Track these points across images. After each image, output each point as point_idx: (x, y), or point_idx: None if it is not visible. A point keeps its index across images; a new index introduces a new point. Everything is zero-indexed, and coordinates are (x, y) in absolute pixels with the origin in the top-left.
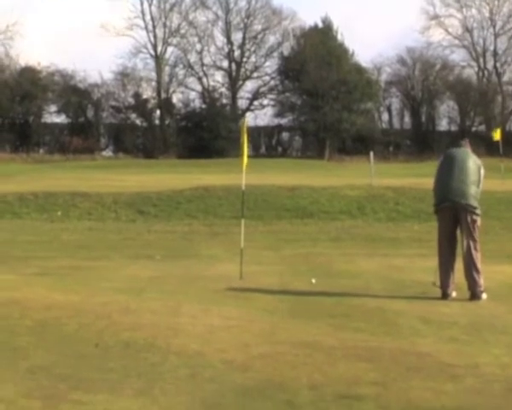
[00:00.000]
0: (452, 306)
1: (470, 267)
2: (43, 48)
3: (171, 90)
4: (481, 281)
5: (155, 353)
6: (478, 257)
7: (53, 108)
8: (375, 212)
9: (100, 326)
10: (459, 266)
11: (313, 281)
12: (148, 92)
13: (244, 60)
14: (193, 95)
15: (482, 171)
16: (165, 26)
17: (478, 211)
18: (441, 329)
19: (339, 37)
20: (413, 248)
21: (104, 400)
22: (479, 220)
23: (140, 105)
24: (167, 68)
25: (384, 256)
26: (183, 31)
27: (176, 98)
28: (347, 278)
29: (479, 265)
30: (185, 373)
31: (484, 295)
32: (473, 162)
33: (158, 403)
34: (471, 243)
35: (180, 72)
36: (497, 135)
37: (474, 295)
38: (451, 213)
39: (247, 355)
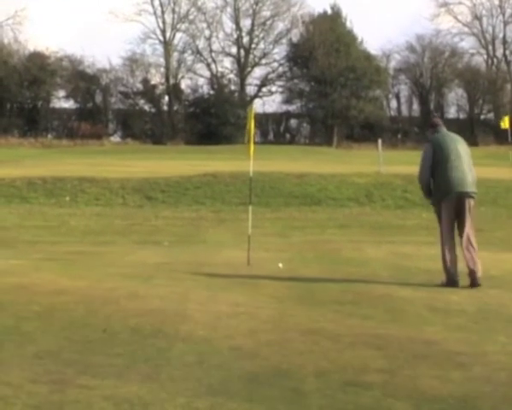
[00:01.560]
0: (460, 294)
1: (472, 254)
2: (51, 33)
3: (179, 76)
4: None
5: (163, 339)
6: (476, 243)
7: (61, 93)
8: (383, 199)
9: (107, 312)
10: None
11: (280, 265)
12: (156, 78)
13: (253, 46)
14: (201, 81)
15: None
16: (173, 11)
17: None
18: (448, 317)
19: (348, 23)
20: (421, 235)
21: (111, 385)
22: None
23: (148, 91)
24: (176, 54)
25: (392, 244)
26: (191, 16)
27: (184, 84)
28: (355, 265)
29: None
30: (192, 359)
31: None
32: (463, 144)
33: (165, 389)
34: (471, 230)
35: (188, 58)
36: (505, 123)
37: (476, 281)
38: (456, 202)
39: (254, 342)
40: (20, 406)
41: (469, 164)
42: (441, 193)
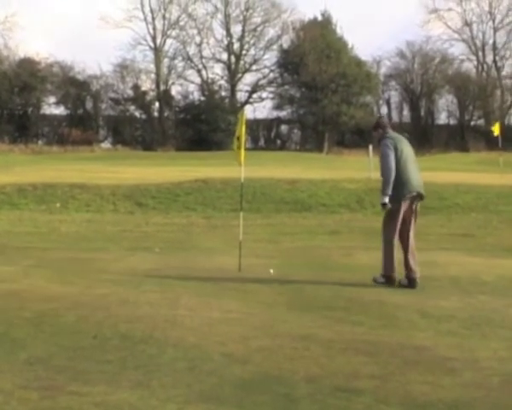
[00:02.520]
0: (451, 299)
1: (414, 254)
2: (42, 39)
3: (170, 83)
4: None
5: (153, 345)
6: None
7: (52, 99)
8: (374, 205)
9: (98, 318)
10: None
11: (271, 271)
12: (146, 84)
13: (243, 52)
14: (192, 87)
15: None
16: (164, 18)
17: None
18: (439, 322)
19: (338, 30)
20: None
21: (102, 391)
22: None
23: (139, 97)
24: (166, 60)
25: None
26: (182, 23)
27: (175, 90)
28: (346, 271)
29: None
30: (183, 366)
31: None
32: (410, 147)
33: (156, 395)
34: (414, 231)
35: (179, 64)
36: (496, 129)
37: (415, 281)
38: (411, 202)
39: (245, 348)
40: None
41: (418, 167)
42: (404, 192)
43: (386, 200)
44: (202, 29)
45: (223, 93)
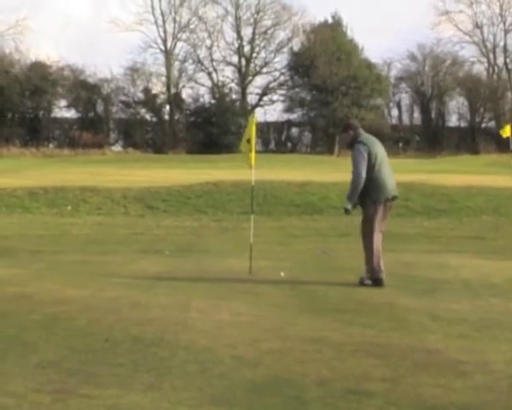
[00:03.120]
0: (462, 302)
1: (380, 254)
2: (53, 43)
3: (180, 86)
4: None
5: (165, 348)
6: None
7: (63, 102)
8: None
9: (109, 321)
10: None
11: (282, 274)
12: (157, 87)
13: (254, 55)
14: (202, 90)
15: None
16: (174, 21)
17: None
18: (450, 325)
19: (348, 32)
20: (422, 244)
21: (113, 394)
22: None
23: (149, 100)
24: (177, 63)
25: (393, 252)
26: (192, 26)
27: (185, 93)
28: (356, 273)
29: None
30: (194, 369)
31: None
32: (383, 148)
33: (167, 398)
34: (383, 230)
35: (190, 67)
36: (505, 132)
37: (382, 280)
38: (386, 204)
39: (256, 351)
40: None
41: (391, 168)
42: (381, 196)
43: (350, 207)
44: (213, 32)
45: (233, 96)
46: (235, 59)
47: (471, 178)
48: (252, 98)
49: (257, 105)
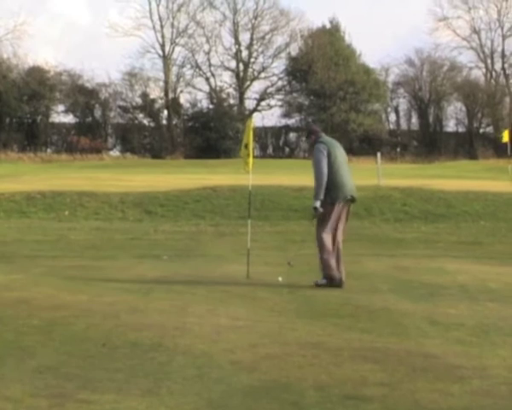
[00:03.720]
0: (459, 307)
1: (340, 255)
2: (50, 48)
3: (178, 91)
4: None
5: (162, 353)
6: None
7: (60, 107)
8: (382, 213)
9: (107, 326)
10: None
11: (279, 279)
12: (155, 92)
13: (252, 60)
14: (200, 95)
15: None
16: (172, 26)
17: None
18: (448, 330)
19: (346, 37)
20: (420, 249)
21: (111, 399)
22: None
23: (147, 105)
24: (175, 68)
25: (391, 257)
26: (190, 31)
27: (183, 98)
28: (354, 278)
29: None
30: (192, 373)
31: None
32: (343, 151)
33: (165, 403)
34: (342, 233)
35: (187, 72)
36: (505, 137)
37: (341, 281)
38: (344, 205)
39: (254, 356)
40: None
41: (350, 171)
42: (339, 195)
43: (318, 204)
44: (211, 37)
45: (231, 101)
46: (232, 64)
47: (469, 183)
48: (249, 103)
49: (255, 110)
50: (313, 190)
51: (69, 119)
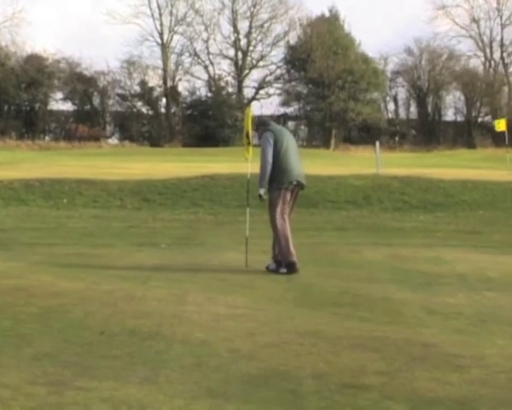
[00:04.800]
0: (457, 296)
1: (290, 239)
2: (49, 35)
3: (177, 79)
4: None
5: (161, 341)
6: None
7: (59, 95)
8: (381, 202)
9: (105, 314)
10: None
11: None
12: (154, 80)
13: (250, 49)
14: (199, 83)
15: None
16: (171, 14)
17: None
18: (446, 319)
19: (345, 26)
20: (418, 238)
21: (109, 387)
22: None
23: (146, 93)
24: (173, 57)
25: (389, 246)
26: (189, 19)
27: (182, 87)
28: (352, 267)
29: None
30: (191, 362)
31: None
32: (293, 138)
33: (163, 391)
34: (289, 216)
35: (186, 60)
36: (499, 126)
37: (294, 264)
38: (292, 190)
39: (252, 344)
40: (17, 407)
41: (299, 158)
42: (284, 180)
43: (262, 192)
44: (209, 25)
45: (230, 89)
46: (231, 52)
47: (467, 172)
48: (248, 92)
49: (253, 98)
50: (259, 187)
51: (67, 106)
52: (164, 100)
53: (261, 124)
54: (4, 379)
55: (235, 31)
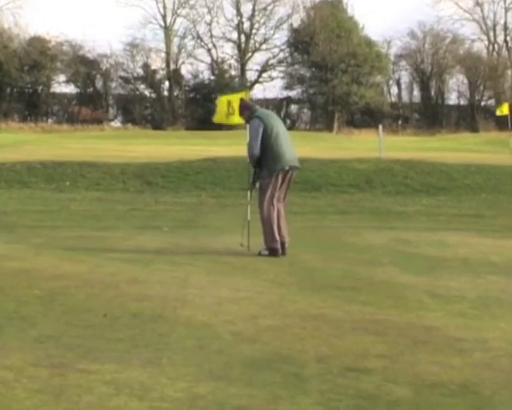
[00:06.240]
0: (460, 280)
1: (285, 224)
2: (52, 17)
3: (180, 62)
4: None
5: (163, 324)
6: None
7: (62, 77)
8: (384, 185)
9: (108, 296)
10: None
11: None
12: (156, 63)
13: (253, 31)
14: (202, 66)
15: None
16: None
17: None
18: (449, 303)
19: (349, 10)
20: (421, 221)
21: (112, 369)
22: None
23: (149, 76)
24: (176, 39)
25: (392, 230)
26: (192, 1)
27: (185, 69)
28: (355, 251)
29: None
30: (193, 344)
31: None
32: (281, 122)
33: (165, 374)
34: (286, 200)
35: (189, 43)
36: (502, 110)
37: (283, 245)
38: (285, 175)
39: (255, 327)
40: (20, 389)
41: (291, 141)
42: (277, 167)
43: (261, 174)
44: (212, 8)
45: (232, 72)
46: (234, 35)
47: (470, 155)
48: (251, 75)
49: (256, 82)
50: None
51: (70, 89)
52: (167, 83)
53: (246, 108)
54: (7, 361)
55: (239, 13)
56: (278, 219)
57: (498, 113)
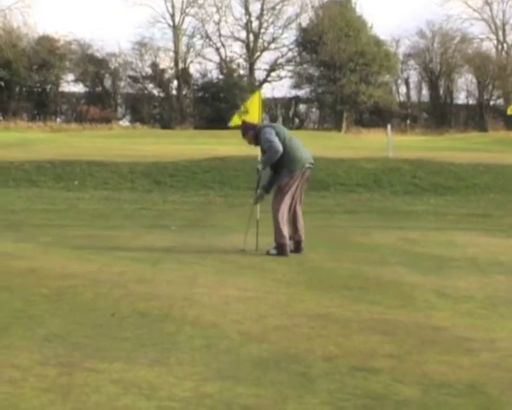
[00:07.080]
0: (468, 280)
1: (302, 222)
2: (60, 16)
3: (188, 61)
4: None
5: (171, 323)
6: None
7: (70, 77)
8: (392, 185)
9: (116, 296)
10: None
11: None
12: (165, 62)
13: (262, 31)
14: (210, 65)
15: None
16: None
17: None
18: (457, 303)
19: (357, 9)
20: (429, 221)
21: (119, 368)
22: None
23: (157, 75)
24: (185, 39)
25: (400, 229)
26: (200, 1)
27: (193, 69)
28: (363, 250)
29: None
30: (200, 344)
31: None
32: None
33: (173, 373)
34: (301, 198)
35: (198, 42)
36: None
37: (300, 244)
38: (303, 174)
39: (262, 327)
40: (28, 388)
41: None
42: (296, 164)
43: (261, 167)
44: (221, 7)
45: (241, 71)
46: (243, 34)
47: (479, 155)
48: (259, 74)
49: (264, 81)
50: (261, 163)
51: (79, 88)
52: (175, 82)
53: (250, 128)
54: (15, 360)
55: (247, 13)
56: (295, 220)
57: (510, 112)
